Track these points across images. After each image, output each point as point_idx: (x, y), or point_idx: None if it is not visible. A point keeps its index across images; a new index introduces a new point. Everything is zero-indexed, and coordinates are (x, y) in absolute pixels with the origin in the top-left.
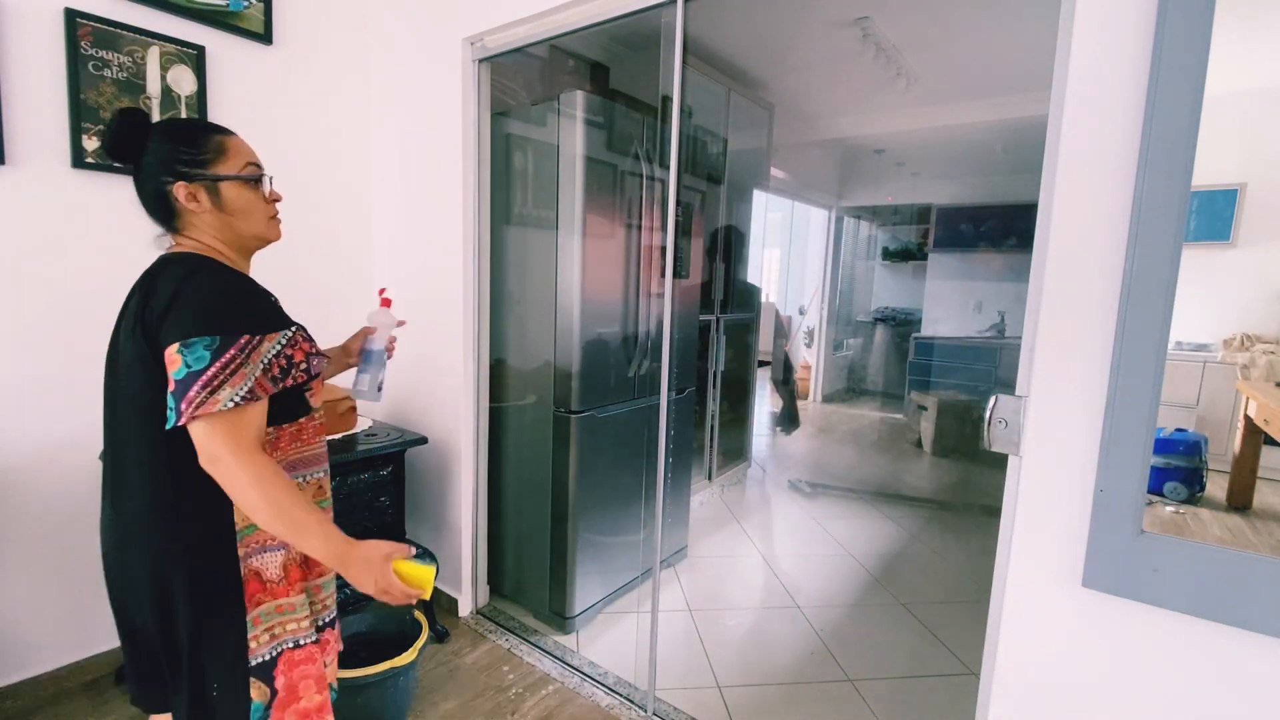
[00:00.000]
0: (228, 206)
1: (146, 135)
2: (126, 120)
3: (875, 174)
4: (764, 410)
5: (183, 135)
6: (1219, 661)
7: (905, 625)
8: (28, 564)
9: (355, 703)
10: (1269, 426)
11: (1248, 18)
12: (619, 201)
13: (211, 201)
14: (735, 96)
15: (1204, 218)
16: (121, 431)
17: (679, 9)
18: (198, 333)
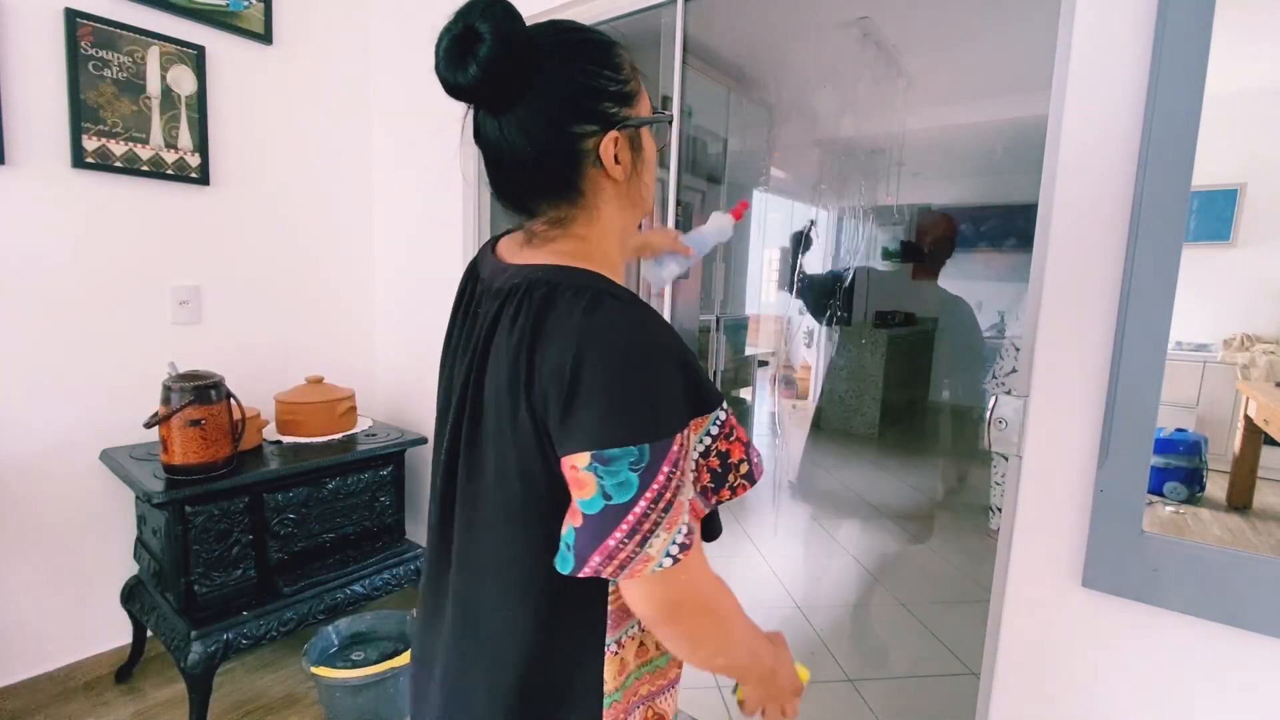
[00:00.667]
0: (645, 162)
1: (539, 48)
2: (496, 21)
3: (875, 174)
4: (764, 411)
5: (601, 51)
6: (1219, 661)
7: (905, 625)
8: (28, 564)
9: (355, 703)
10: (1269, 426)
11: (1248, 18)
12: None
13: (632, 159)
14: (735, 96)
15: (1204, 218)
16: (477, 542)
17: (679, 9)
18: (617, 441)
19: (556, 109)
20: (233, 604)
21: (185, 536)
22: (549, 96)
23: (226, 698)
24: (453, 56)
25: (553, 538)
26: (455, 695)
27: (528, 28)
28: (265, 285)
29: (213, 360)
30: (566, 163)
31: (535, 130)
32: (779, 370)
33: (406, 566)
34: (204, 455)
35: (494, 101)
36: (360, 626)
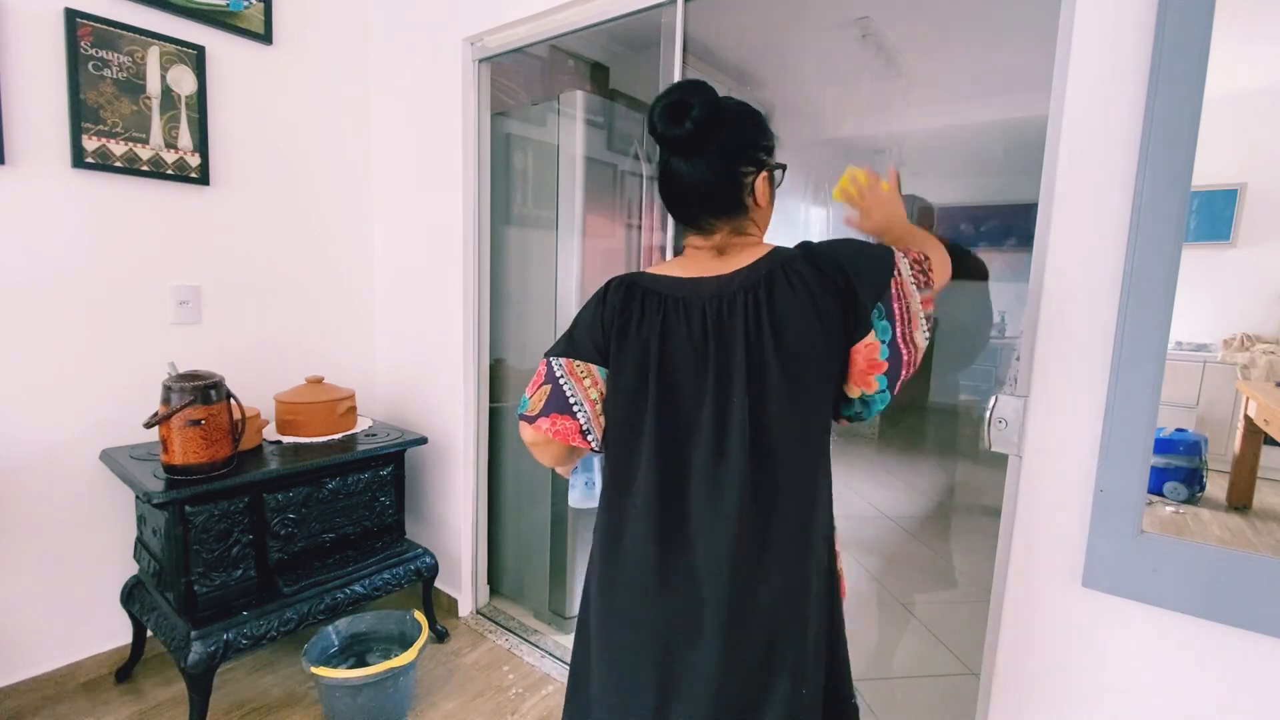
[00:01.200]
0: (772, 199)
1: (723, 116)
2: (702, 97)
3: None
4: None
5: (759, 118)
6: (1219, 661)
7: (905, 625)
8: (28, 563)
9: (355, 703)
10: (1269, 426)
11: (1247, 18)
12: (619, 201)
13: (770, 192)
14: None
15: (1204, 218)
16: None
17: (679, 9)
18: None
19: (732, 154)
20: (233, 604)
21: (185, 536)
22: (729, 146)
23: (226, 698)
24: (671, 117)
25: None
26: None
27: (716, 96)
28: (265, 285)
29: (213, 360)
30: (734, 190)
31: (718, 167)
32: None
33: (406, 566)
34: (204, 455)
35: (690, 148)
36: (360, 626)
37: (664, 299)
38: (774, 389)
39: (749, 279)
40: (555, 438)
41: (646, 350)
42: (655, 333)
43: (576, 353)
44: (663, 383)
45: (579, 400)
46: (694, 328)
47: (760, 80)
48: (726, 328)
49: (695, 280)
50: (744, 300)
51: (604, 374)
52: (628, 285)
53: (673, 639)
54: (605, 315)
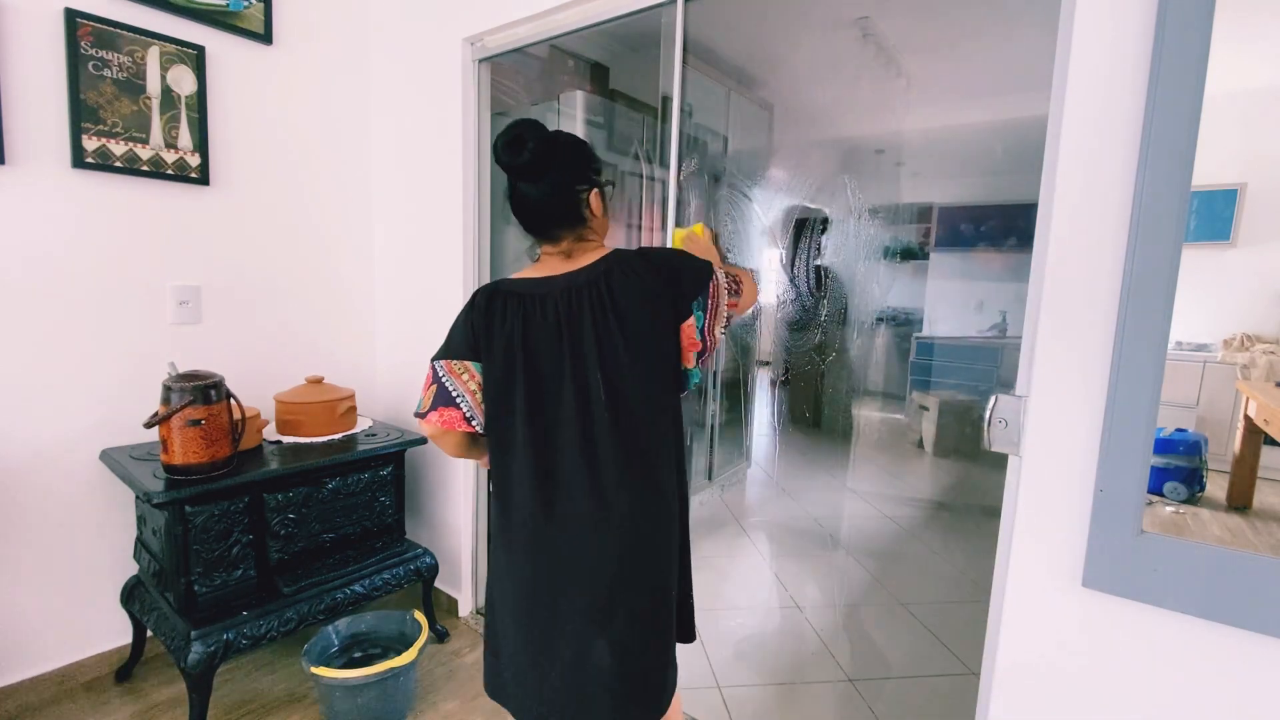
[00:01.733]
0: (607, 209)
1: (557, 147)
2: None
3: (875, 174)
4: (764, 411)
5: (585, 148)
6: (1219, 661)
7: (905, 625)
8: (28, 563)
9: (355, 703)
10: (1269, 426)
11: (1248, 18)
12: (619, 201)
13: (603, 205)
14: (735, 96)
15: (1204, 218)
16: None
17: (679, 9)
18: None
19: (569, 176)
20: (233, 604)
21: (185, 536)
22: (565, 170)
23: (226, 698)
24: (511, 149)
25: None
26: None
27: (546, 131)
28: (265, 285)
29: (213, 360)
30: (574, 205)
31: (559, 187)
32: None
33: (406, 566)
34: (204, 455)
35: (530, 174)
36: (360, 626)
37: (522, 297)
38: (621, 361)
39: (592, 274)
40: (444, 426)
41: (511, 341)
42: (517, 325)
43: (452, 354)
44: (528, 366)
45: (460, 393)
46: (549, 317)
47: (760, 80)
48: (576, 314)
49: (548, 279)
50: (589, 291)
51: (479, 368)
52: (490, 291)
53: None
54: (474, 318)
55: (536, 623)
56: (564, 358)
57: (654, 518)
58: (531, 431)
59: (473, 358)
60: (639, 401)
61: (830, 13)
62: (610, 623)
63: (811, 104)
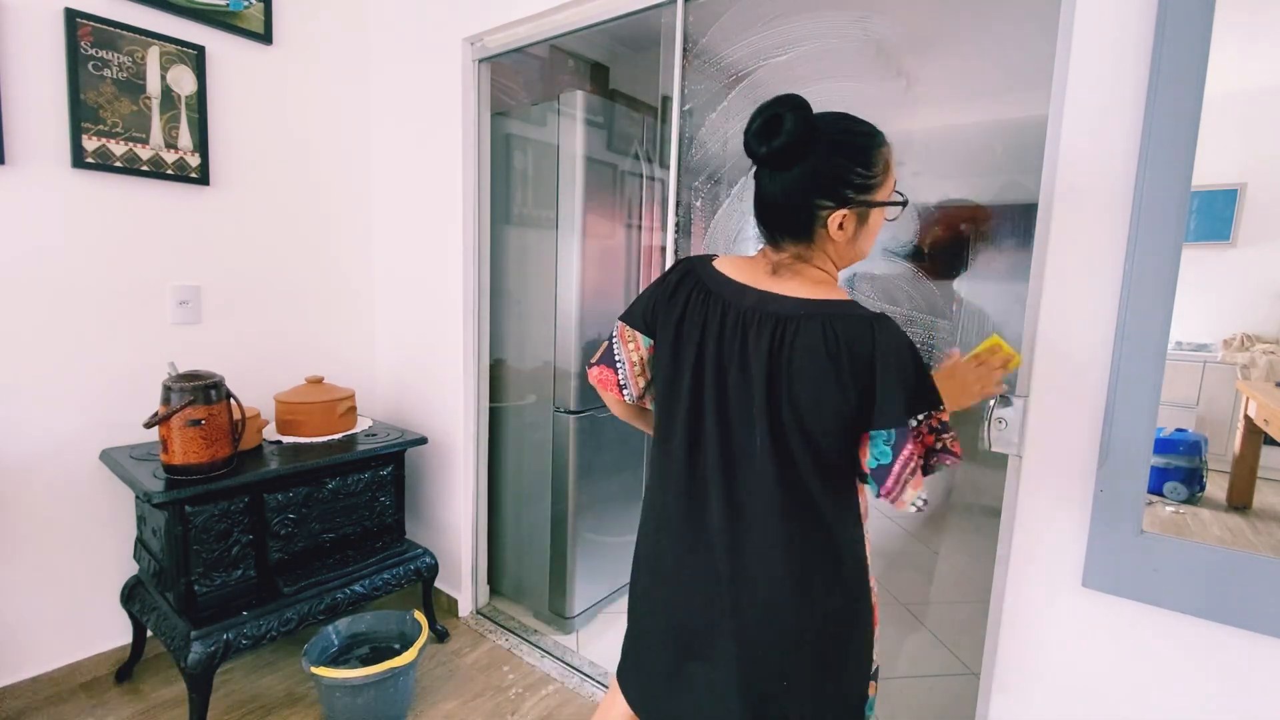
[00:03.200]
0: (867, 232)
1: (816, 139)
2: (796, 116)
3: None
4: None
5: (859, 151)
6: (1219, 661)
7: (905, 625)
8: (28, 563)
9: (355, 703)
10: (1269, 426)
11: (1248, 18)
12: (619, 201)
13: (855, 230)
14: (735, 96)
15: (1204, 218)
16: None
17: (679, 9)
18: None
19: (810, 184)
20: (233, 604)
21: (185, 536)
22: (809, 174)
23: (226, 698)
24: (764, 133)
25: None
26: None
27: (816, 117)
28: (265, 285)
29: (213, 360)
30: (806, 219)
31: (793, 192)
32: None
33: (406, 566)
34: (204, 455)
35: (777, 165)
36: (360, 626)
37: (709, 295)
38: (787, 422)
39: (788, 310)
40: (600, 384)
41: (685, 338)
42: (696, 324)
43: (630, 320)
44: (696, 371)
45: (622, 359)
46: (725, 331)
47: (760, 80)
48: (751, 344)
49: (741, 286)
50: (772, 328)
51: (647, 342)
52: (686, 272)
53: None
54: (659, 294)
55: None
56: (728, 379)
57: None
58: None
59: (644, 331)
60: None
61: (830, 13)
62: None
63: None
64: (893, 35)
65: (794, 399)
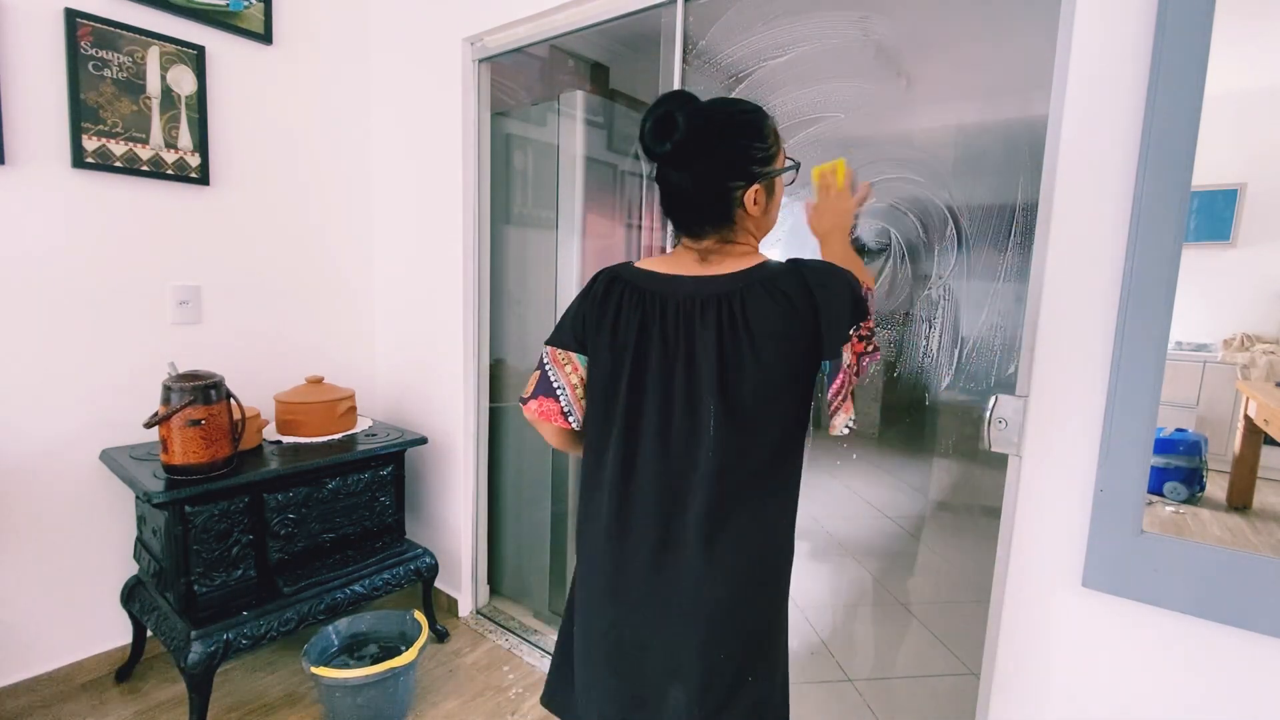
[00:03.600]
0: (774, 199)
1: (710, 128)
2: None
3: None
4: None
5: (752, 127)
6: (1219, 661)
7: (905, 625)
8: (28, 563)
9: (355, 703)
10: (1269, 426)
11: (1247, 18)
12: (619, 201)
13: (766, 201)
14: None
15: (1204, 218)
16: (723, 478)
17: (679, 9)
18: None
19: (721, 169)
20: (233, 604)
21: (185, 536)
22: (718, 161)
23: (226, 698)
24: (658, 132)
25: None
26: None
27: (704, 107)
28: (265, 285)
29: (213, 360)
30: (724, 205)
31: (706, 182)
32: None
33: (406, 566)
34: (204, 455)
35: (678, 163)
36: (360, 626)
37: (643, 294)
38: (744, 391)
39: (726, 287)
40: (541, 418)
41: (622, 343)
42: (633, 326)
43: (560, 341)
44: (634, 374)
45: (561, 384)
46: (667, 325)
47: (759, 80)
48: (697, 329)
49: (674, 278)
50: (716, 307)
51: (584, 361)
52: (610, 279)
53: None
54: (586, 307)
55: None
56: (674, 375)
57: (737, 586)
58: (624, 448)
59: (578, 349)
60: (755, 443)
61: (830, 13)
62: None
63: (812, 104)
64: (893, 35)
65: (758, 354)
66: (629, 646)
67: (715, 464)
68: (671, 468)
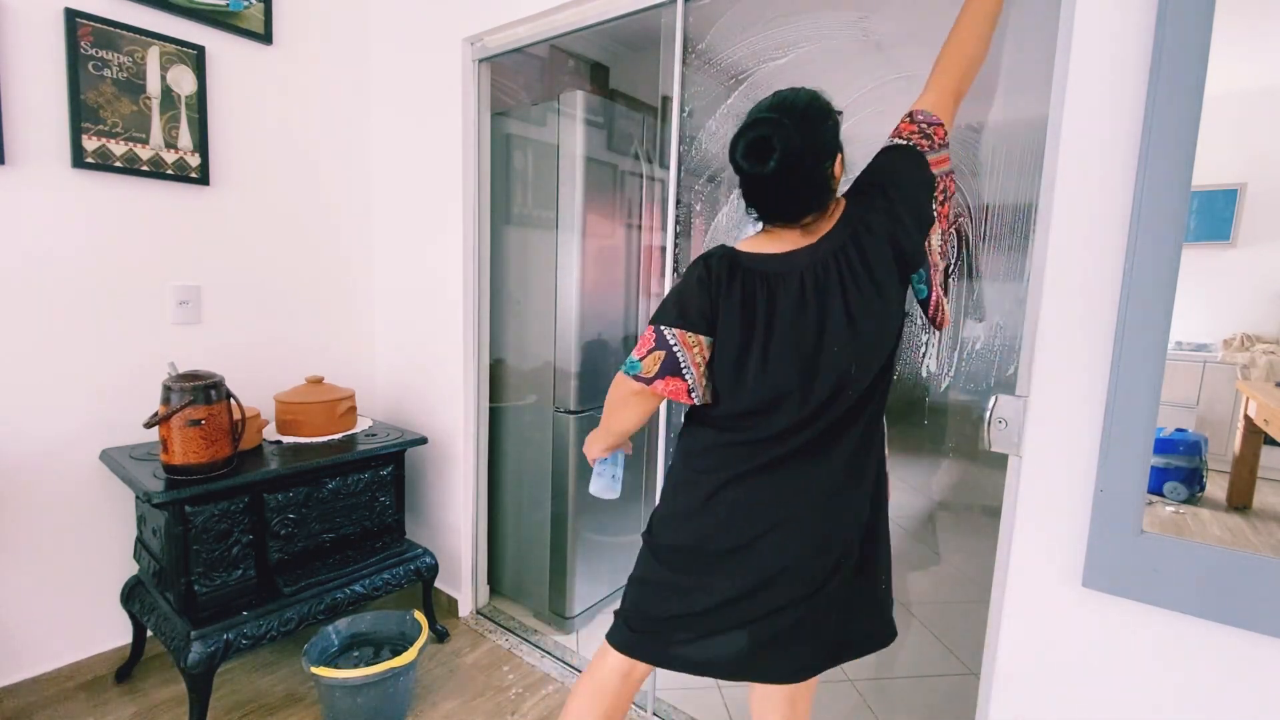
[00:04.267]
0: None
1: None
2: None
3: None
4: None
5: (824, 114)
6: (1219, 661)
7: (905, 625)
8: (28, 563)
9: (355, 703)
10: (1269, 426)
11: (1248, 18)
12: (619, 201)
13: (842, 164)
14: (736, 97)
15: (1204, 218)
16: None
17: (679, 9)
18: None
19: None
20: (233, 604)
21: (185, 536)
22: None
23: (226, 698)
24: (753, 156)
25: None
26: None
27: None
28: (265, 285)
29: (213, 360)
30: (823, 189)
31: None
32: None
33: (406, 566)
34: (204, 455)
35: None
36: (360, 626)
37: (765, 276)
38: (869, 330)
39: (835, 242)
40: (670, 396)
41: (753, 322)
42: (762, 304)
43: (687, 324)
44: (768, 345)
45: (688, 365)
46: (793, 299)
47: (760, 80)
48: (825, 291)
49: (789, 255)
50: (837, 261)
51: (709, 342)
52: (729, 262)
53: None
54: (711, 288)
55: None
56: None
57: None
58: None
59: (707, 331)
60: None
61: (831, 13)
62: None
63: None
64: (893, 35)
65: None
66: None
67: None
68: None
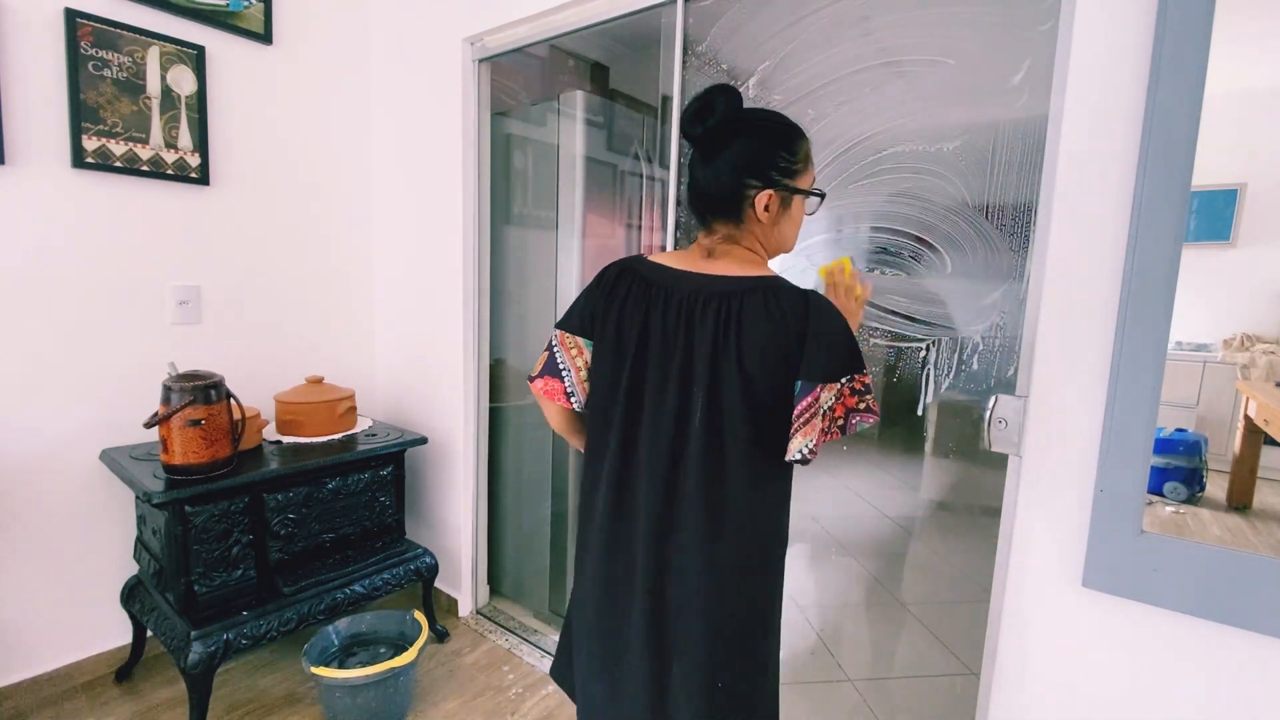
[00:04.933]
0: (789, 219)
1: (744, 121)
2: (728, 101)
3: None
4: None
5: (783, 137)
6: (1219, 661)
7: (905, 625)
8: (28, 563)
9: (355, 703)
10: (1269, 426)
11: (1248, 18)
12: (619, 201)
13: (778, 213)
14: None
15: (1204, 218)
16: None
17: (679, 9)
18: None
19: (740, 163)
20: (233, 604)
21: (185, 536)
22: (738, 154)
23: (226, 698)
24: (699, 114)
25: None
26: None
27: (744, 106)
28: (265, 285)
29: (213, 360)
30: (735, 200)
31: (724, 172)
32: None
33: (406, 566)
34: (204, 455)
35: (710, 147)
36: (360, 626)
37: (650, 285)
38: (729, 399)
39: (729, 288)
40: (545, 396)
41: (625, 332)
42: (638, 317)
43: (568, 325)
44: (636, 364)
45: (566, 366)
46: (669, 318)
47: (760, 80)
48: (696, 323)
49: (682, 273)
50: (716, 305)
51: (589, 345)
52: (622, 269)
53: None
54: (596, 296)
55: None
56: (672, 370)
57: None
58: (624, 430)
59: (585, 334)
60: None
61: (831, 13)
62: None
63: (811, 104)
64: (893, 35)
65: (741, 360)
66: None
67: (701, 446)
68: (662, 450)
